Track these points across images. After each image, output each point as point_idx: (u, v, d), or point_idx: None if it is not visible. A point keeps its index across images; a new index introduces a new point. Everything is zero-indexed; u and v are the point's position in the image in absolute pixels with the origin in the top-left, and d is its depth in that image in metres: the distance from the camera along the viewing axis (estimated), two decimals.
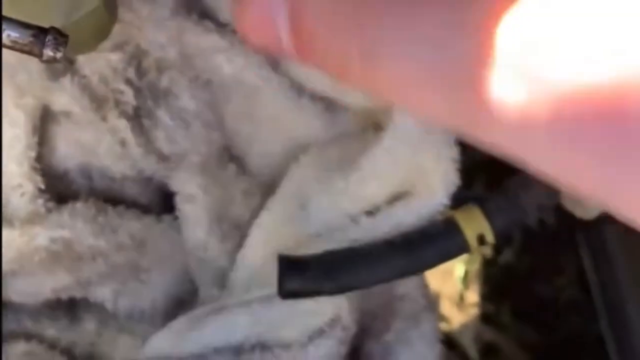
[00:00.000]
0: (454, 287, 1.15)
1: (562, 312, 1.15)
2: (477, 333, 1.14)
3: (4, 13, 0.31)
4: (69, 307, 0.54)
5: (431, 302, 0.59)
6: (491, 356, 1.14)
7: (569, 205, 0.49)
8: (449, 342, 1.08)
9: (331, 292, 0.46)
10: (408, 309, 0.57)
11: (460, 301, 1.15)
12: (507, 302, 1.15)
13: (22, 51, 0.32)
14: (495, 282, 1.17)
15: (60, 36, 0.32)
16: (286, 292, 0.46)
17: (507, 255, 1.14)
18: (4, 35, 0.31)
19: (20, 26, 0.31)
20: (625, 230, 0.51)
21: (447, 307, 1.14)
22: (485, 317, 1.15)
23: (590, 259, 1.01)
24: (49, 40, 0.31)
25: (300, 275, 0.46)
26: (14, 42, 0.31)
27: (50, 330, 0.53)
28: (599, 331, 1.08)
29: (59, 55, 0.32)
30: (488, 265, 1.16)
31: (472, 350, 1.13)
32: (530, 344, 1.14)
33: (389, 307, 0.56)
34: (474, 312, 1.15)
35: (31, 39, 0.32)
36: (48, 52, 0.31)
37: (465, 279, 1.15)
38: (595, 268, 1.01)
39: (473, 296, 1.15)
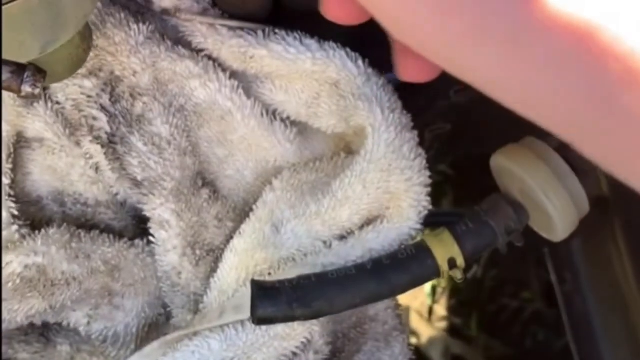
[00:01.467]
0: (423, 301, 1.16)
1: (529, 325, 1.16)
2: (446, 347, 1.15)
3: None
4: (42, 331, 0.54)
5: (402, 322, 0.59)
6: None
7: (537, 228, 0.50)
8: (419, 356, 1.08)
9: (304, 318, 0.47)
10: (379, 329, 0.57)
11: (429, 315, 1.16)
12: (475, 315, 1.16)
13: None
14: (463, 297, 1.17)
15: (38, 72, 0.32)
16: (259, 319, 0.46)
17: (474, 270, 1.16)
18: None
19: None
20: (591, 245, 0.51)
21: (416, 322, 1.15)
22: (454, 331, 1.16)
23: (557, 273, 1.02)
24: (27, 77, 0.32)
25: (273, 301, 0.46)
26: None
27: (23, 354, 0.53)
28: (564, 344, 1.09)
29: (37, 91, 0.32)
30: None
31: None
32: (498, 357, 1.15)
33: (360, 328, 0.57)
34: (442, 326, 1.16)
35: (9, 75, 0.32)
36: (27, 89, 0.32)
37: (434, 294, 1.16)
38: (561, 282, 1.02)
39: (442, 310, 1.16)
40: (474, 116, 0.58)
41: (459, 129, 0.59)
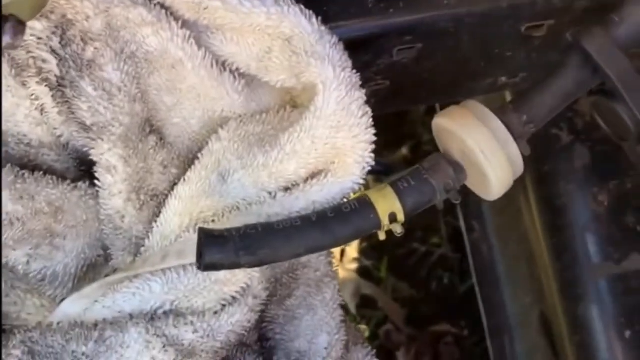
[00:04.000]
0: None
1: (435, 269, 1.21)
2: (356, 287, 1.18)
3: None
4: None
5: (333, 269, 0.61)
6: (368, 308, 1.19)
7: (473, 187, 0.52)
8: None
9: (249, 265, 0.48)
10: (311, 275, 0.59)
11: (341, 257, 1.19)
12: (384, 258, 1.20)
13: None
14: (374, 240, 1.21)
15: (18, 24, 0.32)
16: (206, 265, 0.47)
17: None
18: None
19: None
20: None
21: None
22: (364, 273, 1.19)
23: (466, 221, 1.06)
24: (8, 28, 0.32)
25: (220, 248, 0.46)
26: None
27: None
28: (468, 287, 1.14)
29: (17, 42, 0.32)
30: None
31: (351, 304, 1.17)
32: (405, 298, 1.19)
33: (292, 273, 0.58)
34: (353, 267, 1.19)
35: None
36: (7, 39, 0.32)
37: None
38: (469, 230, 1.06)
39: (353, 253, 1.19)
40: (413, 74, 0.60)
41: (397, 86, 0.60)
